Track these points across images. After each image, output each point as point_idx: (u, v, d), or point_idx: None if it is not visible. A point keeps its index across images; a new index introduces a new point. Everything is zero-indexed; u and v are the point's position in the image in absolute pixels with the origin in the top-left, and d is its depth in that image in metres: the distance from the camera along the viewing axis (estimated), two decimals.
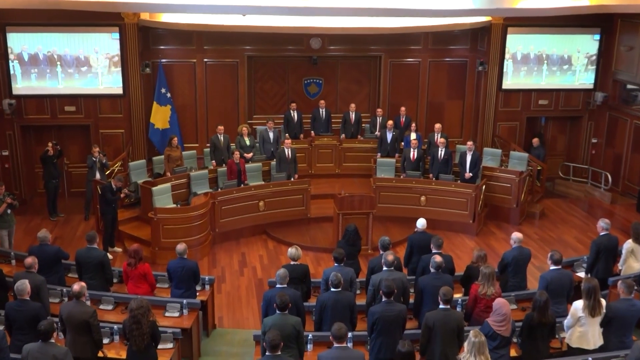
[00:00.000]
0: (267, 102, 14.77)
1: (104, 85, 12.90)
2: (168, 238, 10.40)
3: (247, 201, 11.59)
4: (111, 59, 12.81)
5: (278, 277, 6.72)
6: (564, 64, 14.34)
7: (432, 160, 12.37)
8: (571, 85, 14.44)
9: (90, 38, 12.68)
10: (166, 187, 11.35)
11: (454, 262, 7.89)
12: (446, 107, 15.06)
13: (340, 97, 15.00)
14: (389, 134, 13.06)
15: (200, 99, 14.19)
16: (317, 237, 11.57)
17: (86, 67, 12.79)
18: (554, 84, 14.38)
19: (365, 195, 11.03)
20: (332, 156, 13.81)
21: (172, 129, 13.45)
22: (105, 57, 12.79)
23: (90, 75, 12.85)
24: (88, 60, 12.77)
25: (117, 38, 12.74)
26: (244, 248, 11.30)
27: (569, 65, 14.37)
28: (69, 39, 12.60)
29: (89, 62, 12.78)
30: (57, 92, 12.77)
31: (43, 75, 12.69)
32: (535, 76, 14.32)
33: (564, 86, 14.43)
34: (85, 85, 12.85)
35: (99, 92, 13.01)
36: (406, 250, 8.48)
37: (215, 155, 12.49)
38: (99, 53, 12.76)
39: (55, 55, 12.63)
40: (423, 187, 12.05)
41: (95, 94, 13.00)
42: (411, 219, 10.59)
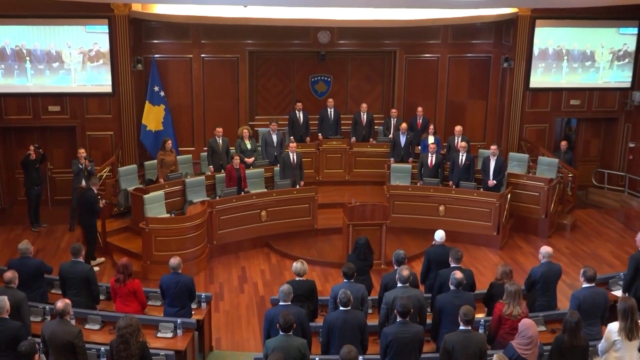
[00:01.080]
0: (270, 101, 14.81)
1: (77, 82, 12.97)
2: (161, 251, 10.42)
3: (248, 211, 11.61)
4: (86, 54, 12.85)
5: (281, 294, 6.73)
6: (585, 60, 14.32)
7: (451, 166, 12.36)
8: (594, 84, 14.42)
9: (63, 31, 12.69)
10: (159, 195, 11.39)
11: (475, 279, 7.87)
12: (468, 108, 15.05)
13: (350, 96, 15.02)
14: (403, 138, 13.06)
15: (196, 98, 14.24)
16: (325, 250, 11.57)
17: (58, 62, 12.84)
18: (575, 83, 14.36)
19: (377, 204, 11.03)
20: (342, 161, 13.83)
21: (165, 131, 13.51)
22: (78, 52, 12.84)
23: (62, 71, 12.89)
24: (60, 55, 12.81)
25: (92, 31, 12.72)
26: (244, 262, 11.31)
27: (592, 61, 14.35)
28: (39, 32, 12.61)
29: (60, 57, 12.83)
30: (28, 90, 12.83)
31: (10, 71, 12.71)
32: (554, 73, 14.30)
33: (591, 84, 14.39)
34: (57, 82, 12.90)
35: (86, 91, 13.10)
36: (423, 265, 8.47)
37: (213, 160, 12.53)
38: (72, 47, 12.80)
39: (24, 50, 12.65)
40: (442, 196, 12.04)
41: (81, 93, 13.10)
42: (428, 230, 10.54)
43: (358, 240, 8.65)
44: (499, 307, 6.92)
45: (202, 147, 13.90)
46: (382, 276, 7.89)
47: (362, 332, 6.68)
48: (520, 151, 14.14)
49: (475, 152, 13.57)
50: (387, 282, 7.51)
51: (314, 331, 7.18)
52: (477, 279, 8.01)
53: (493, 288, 7.55)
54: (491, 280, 7.86)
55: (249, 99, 14.47)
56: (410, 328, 6.41)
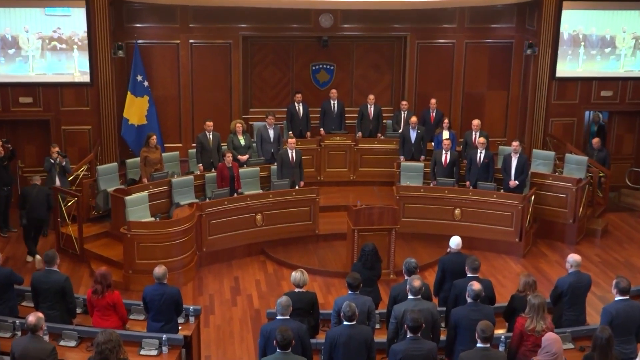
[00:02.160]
0: (266, 92, 14.80)
1: (35, 72, 12.95)
2: (144, 259, 10.43)
3: (242, 214, 11.60)
4: (46, 40, 12.80)
5: (279, 307, 6.72)
6: (605, 47, 14.30)
7: (468, 164, 12.35)
8: (614, 73, 14.37)
9: (18, 14, 12.63)
10: (142, 197, 11.40)
11: (494, 290, 7.85)
12: (487, 99, 15.02)
13: (356, 86, 15.00)
14: (414, 133, 13.04)
15: (184, 88, 14.24)
16: (327, 258, 11.57)
17: (14, 49, 12.81)
18: (593, 71, 14.33)
19: (386, 207, 11.02)
20: (346, 159, 13.81)
21: (150, 126, 13.50)
22: (37, 38, 12.82)
23: (19, 59, 12.87)
24: (16, 41, 12.79)
25: (52, 14, 12.65)
26: (238, 272, 11.31)
27: (612, 48, 14.31)
28: None
29: (17, 43, 12.80)
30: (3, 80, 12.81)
31: None
32: (570, 61, 14.29)
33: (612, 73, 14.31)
34: (13, 71, 12.87)
35: (63, 80, 13.11)
36: (437, 275, 8.47)
37: (203, 158, 12.53)
38: (30, 32, 12.76)
39: None
40: (458, 198, 12.03)
41: (56, 83, 13.11)
42: (443, 236, 10.51)
43: (364, 247, 8.65)
44: (520, 322, 6.91)
45: (191, 143, 13.89)
46: (391, 287, 7.88)
47: (368, 350, 6.66)
48: (546, 148, 14.12)
49: (495, 149, 13.55)
50: (397, 294, 7.51)
51: (315, 348, 7.17)
52: (496, 291, 7.99)
53: (514, 301, 7.55)
54: (512, 292, 7.85)
55: (242, 89, 14.45)
56: (422, 345, 6.40)
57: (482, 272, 8.02)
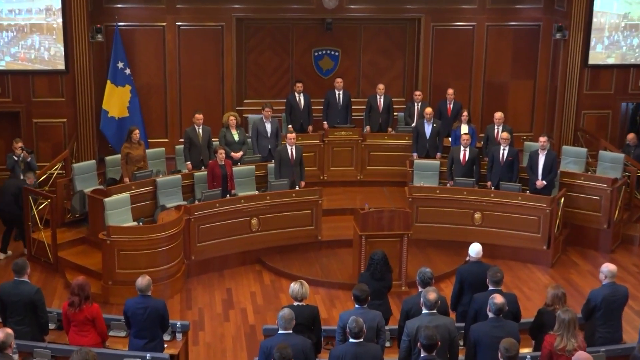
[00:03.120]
0: (263, 81, 14.80)
1: (3, 59, 12.92)
2: (126, 268, 10.43)
3: (235, 218, 11.60)
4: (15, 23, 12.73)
5: (281, 320, 6.70)
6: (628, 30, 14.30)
7: (490, 162, 12.34)
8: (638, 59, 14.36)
9: None
10: (123, 199, 11.40)
11: (519, 304, 7.84)
12: (511, 90, 15.01)
13: (363, 75, 15.00)
14: (429, 127, 13.03)
15: (171, 77, 14.24)
16: (331, 268, 11.57)
17: None
18: (630, 58, 14.26)
19: (397, 210, 11.01)
20: (353, 156, 13.81)
21: (132, 118, 13.51)
22: (6, 22, 12.77)
23: None
24: None
25: None
26: (231, 283, 11.31)
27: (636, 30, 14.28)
28: None
29: None
30: None
31: None
32: (604, 47, 14.30)
33: None
34: None
35: (34, 68, 13.11)
36: (454, 287, 8.46)
37: (192, 155, 12.53)
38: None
39: None
40: (478, 200, 12.02)
41: (28, 70, 13.11)
42: (461, 243, 10.49)
43: (373, 256, 8.64)
44: (549, 340, 6.90)
45: (178, 138, 13.90)
46: (402, 301, 7.86)
47: None
48: (577, 144, 14.11)
49: (520, 146, 13.54)
50: (410, 308, 7.50)
51: None
52: (522, 305, 7.98)
53: (542, 316, 7.54)
54: (540, 306, 7.83)
55: (236, 78, 14.45)
56: None
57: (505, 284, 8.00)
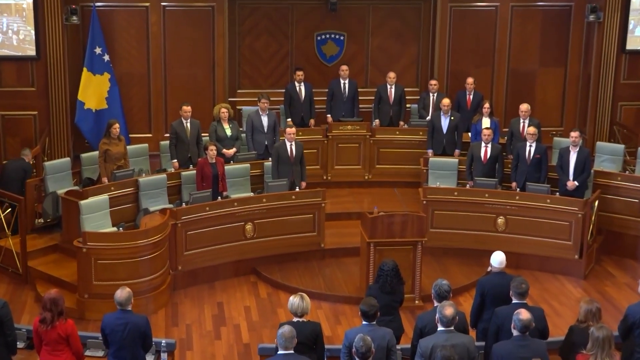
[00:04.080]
0: (258, 69, 14.80)
1: None
2: (104, 280, 10.42)
3: (228, 223, 11.60)
4: None
5: (281, 339, 6.70)
6: None
7: (515, 160, 12.34)
8: None
9: None
10: (101, 201, 11.40)
11: (548, 320, 7.84)
12: (538, 79, 15.01)
13: (372, 62, 14.99)
14: (446, 120, 13.04)
15: (155, 64, 14.25)
16: (336, 279, 11.57)
17: None
18: None
19: (410, 214, 11.01)
20: (360, 153, 13.82)
21: (111, 111, 13.52)
22: None
23: None
24: None
25: None
26: (222, 296, 11.31)
27: None
28: None
29: None
30: None
31: None
32: None
33: None
34: None
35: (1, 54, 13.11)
36: (474, 301, 8.46)
37: (179, 152, 12.55)
38: None
39: None
40: (501, 203, 12.00)
41: None
42: (482, 252, 10.47)
43: (383, 266, 8.64)
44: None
45: (163, 133, 13.93)
46: (416, 316, 7.86)
47: None
48: (613, 140, 14.10)
49: (549, 142, 13.54)
50: (424, 325, 7.50)
51: None
52: (550, 321, 7.99)
53: (573, 334, 7.53)
54: (571, 322, 7.82)
55: (228, 65, 14.45)
56: None
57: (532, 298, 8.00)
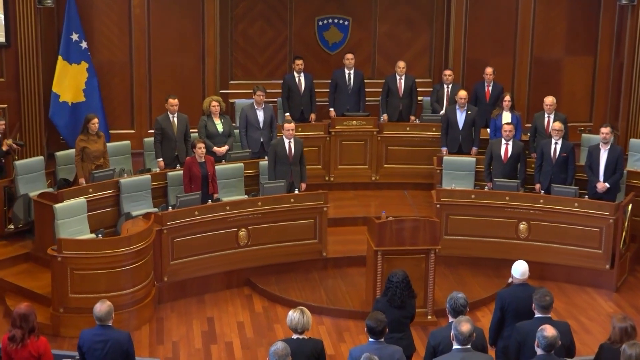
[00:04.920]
0: (253, 58, 14.81)
1: None
2: (81, 292, 10.41)
3: (219, 229, 11.59)
4: None
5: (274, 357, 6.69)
6: None
7: (539, 160, 12.35)
8: None
9: None
10: (79, 205, 11.40)
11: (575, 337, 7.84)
12: (565, 68, 15.03)
13: (380, 50, 14.99)
14: (460, 115, 13.05)
15: (139, 52, 14.25)
16: (339, 292, 11.57)
17: None
18: None
19: (422, 220, 10.99)
20: (366, 152, 13.83)
21: (89, 104, 13.54)
22: None
23: None
24: None
25: None
26: (213, 310, 11.31)
27: None
28: None
29: None
30: None
31: None
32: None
33: None
34: None
35: None
36: (494, 316, 8.45)
37: (164, 150, 12.56)
38: None
39: None
40: (523, 207, 11.99)
41: None
42: (502, 261, 10.48)
43: (391, 277, 8.63)
44: None
45: (147, 129, 13.94)
46: (429, 333, 7.86)
47: None
48: None
49: (577, 139, 13.53)
50: (438, 343, 7.50)
51: None
52: (578, 338, 7.99)
53: (604, 352, 7.52)
54: (601, 340, 7.81)
55: (220, 54, 14.45)
56: None
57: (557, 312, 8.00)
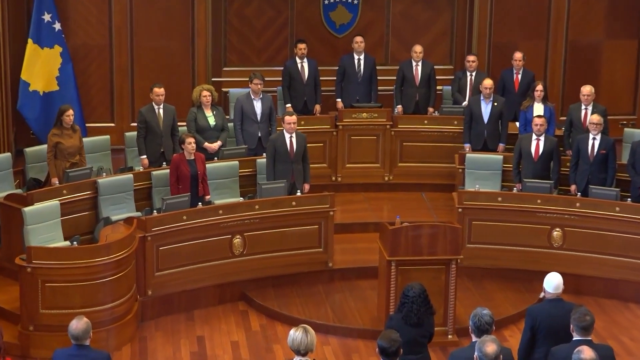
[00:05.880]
0: (250, 42, 14.84)
1: None
2: (53, 308, 10.39)
3: (211, 236, 11.59)
4: None
5: None
6: None
7: (575, 157, 12.34)
8: None
9: None
10: (51, 208, 11.40)
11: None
12: (605, 54, 15.05)
13: (394, 32, 15.00)
14: (486, 106, 13.07)
15: (119, 34, 14.28)
16: (347, 308, 11.58)
17: None
18: None
19: (442, 226, 10.98)
20: (378, 149, 13.86)
21: (63, 94, 13.59)
22: None
23: None
24: None
25: None
26: (203, 328, 11.30)
27: None
28: None
29: None
30: None
31: None
32: None
33: None
34: None
35: None
36: (523, 336, 8.43)
37: (149, 146, 12.59)
38: None
39: None
40: (558, 211, 11.98)
41: None
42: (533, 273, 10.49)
43: (407, 291, 8.61)
44: None
45: (130, 122, 13.99)
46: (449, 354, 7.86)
47: None
48: None
49: (619, 134, 13.53)
50: None
51: None
52: None
53: None
54: None
55: (212, 37, 14.47)
56: None
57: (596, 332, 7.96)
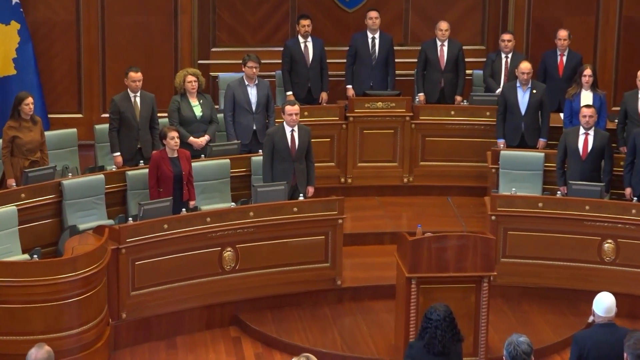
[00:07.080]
0: (243, 17, 14.89)
1: None
2: (9, 333, 10.38)
3: (197, 248, 11.60)
4: None
5: None
6: None
7: (630, 155, 12.35)
8: None
9: None
10: (6, 215, 11.43)
11: None
12: None
13: (415, 6, 15.05)
14: (524, 94, 13.10)
15: (88, 7, 14.35)
16: (359, 333, 11.60)
17: None
18: None
19: (471, 236, 10.96)
20: (396, 144, 13.90)
21: (22, 79, 13.71)
22: None
23: None
24: None
25: None
26: (187, 358, 11.31)
27: None
28: None
29: None
30: None
31: None
32: None
33: None
34: None
35: None
36: None
37: (123, 141, 12.62)
38: None
39: None
40: (609, 220, 11.97)
41: None
42: (580, 293, 10.46)
43: (430, 314, 8.58)
44: None
45: (100, 112, 14.04)
46: None
47: None
48: None
49: None
50: None
51: None
52: None
53: None
54: None
55: (198, 11, 14.52)
56: None
57: None
